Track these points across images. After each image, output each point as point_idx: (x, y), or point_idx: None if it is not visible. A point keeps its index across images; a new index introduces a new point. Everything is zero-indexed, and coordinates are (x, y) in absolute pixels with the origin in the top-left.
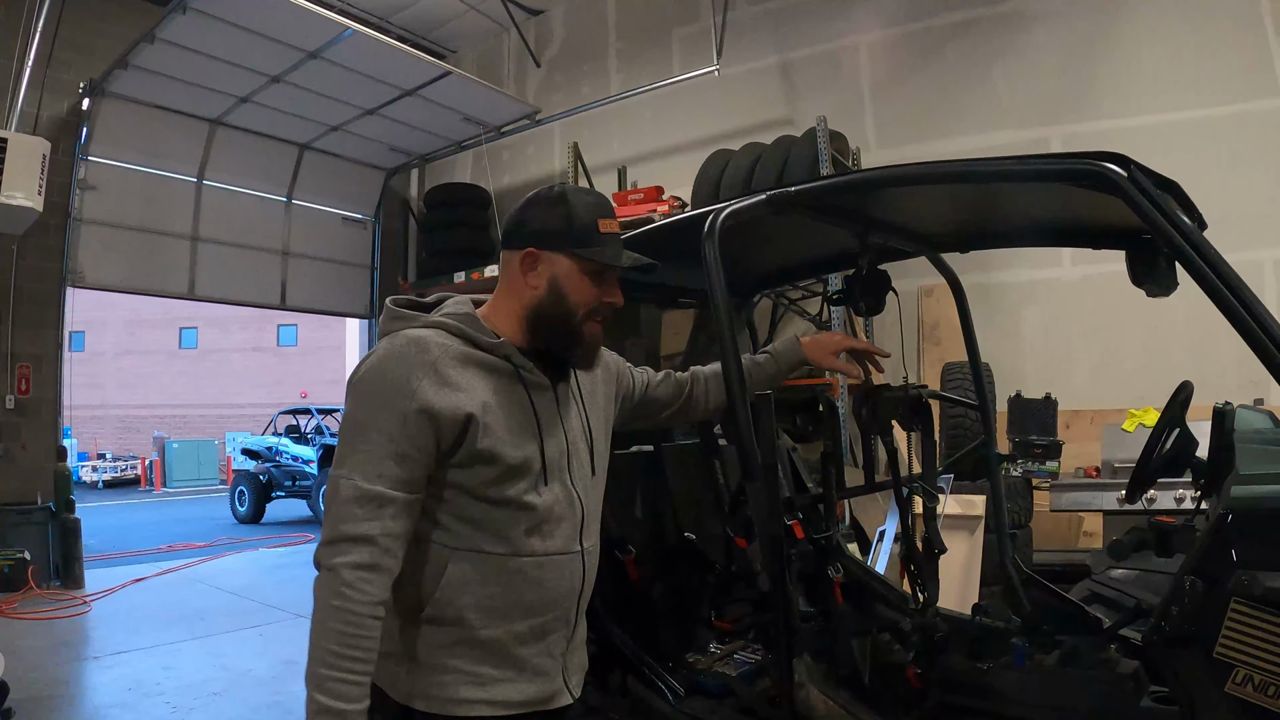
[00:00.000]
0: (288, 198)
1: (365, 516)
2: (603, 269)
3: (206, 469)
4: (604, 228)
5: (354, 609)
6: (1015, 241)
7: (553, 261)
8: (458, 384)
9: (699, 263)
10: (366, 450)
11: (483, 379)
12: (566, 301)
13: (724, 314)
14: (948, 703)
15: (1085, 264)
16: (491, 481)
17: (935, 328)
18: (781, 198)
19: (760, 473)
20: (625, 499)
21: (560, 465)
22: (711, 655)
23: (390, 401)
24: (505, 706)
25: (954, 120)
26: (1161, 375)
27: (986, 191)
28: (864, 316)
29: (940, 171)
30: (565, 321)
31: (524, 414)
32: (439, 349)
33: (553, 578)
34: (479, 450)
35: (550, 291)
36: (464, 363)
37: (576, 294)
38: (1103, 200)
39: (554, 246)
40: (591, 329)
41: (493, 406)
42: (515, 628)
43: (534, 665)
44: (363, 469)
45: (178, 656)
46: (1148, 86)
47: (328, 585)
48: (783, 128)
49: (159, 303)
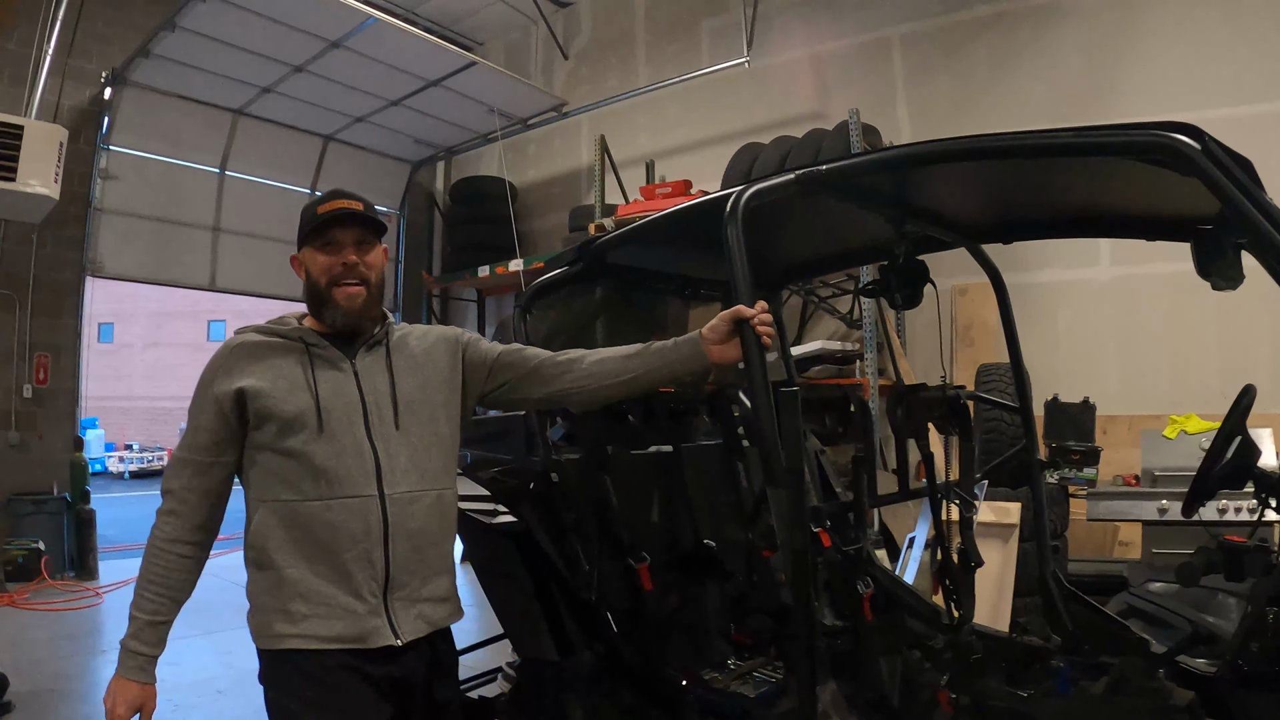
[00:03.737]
0: (311, 189)
1: (173, 476)
2: (330, 238)
3: None
4: (323, 210)
5: (155, 544)
6: (1063, 232)
7: (303, 256)
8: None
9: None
10: (187, 430)
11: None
12: (312, 276)
13: (747, 301)
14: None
15: (1121, 265)
16: (276, 434)
17: (969, 328)
18: (812, 177)
19: (784, 478)
20: (640, 503)
21: (345, 419)
22: (729, 672)
23: (199, 394)
24: (316, 640)
25: (984, 114)
26: (1197, 381)
27: (1033, 174)
28: (899, 309)
29: (987, 146)
30: (316, 292)
31: (303, 377)
32: (236, 346)
33: (343, 519)
34: (258, 409)
35: (306, 277)
36: (254, 350)
37: (314, 267)
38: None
39: (300, 246)
40: (342, 293)
41: (268, 377)
42: (316, 566)
43: (340, 604)
44: (181, 443)
45: (184, 652)
46: (1178, 82)
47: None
48: (813, 121)
49: (186, 295)
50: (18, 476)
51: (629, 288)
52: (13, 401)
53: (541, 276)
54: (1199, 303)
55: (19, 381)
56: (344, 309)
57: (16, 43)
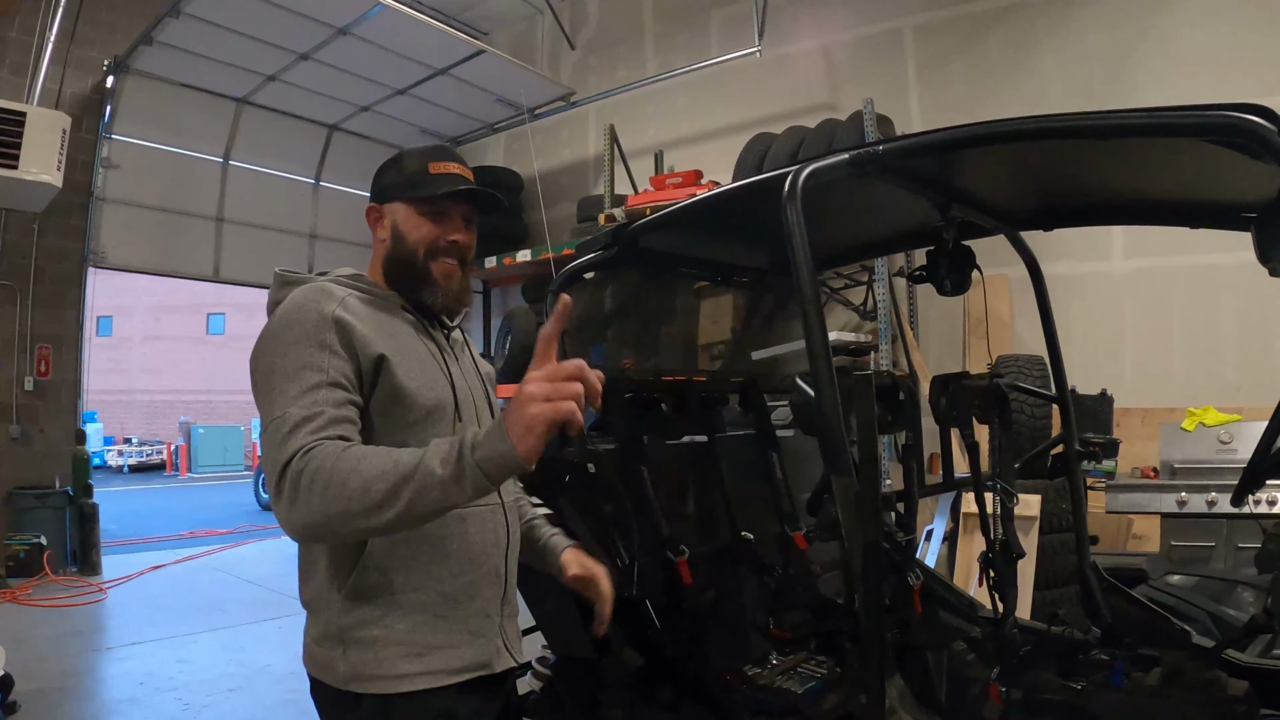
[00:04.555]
0: (316, 179)
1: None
2: (441, 207)
3: (232, 454)
4: (435, 169)
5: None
6: (1107, 219)
7: (393, 211)
8: (366, 320)
9: (755, 237)
10: (297, 387)
11: (384, 322)
12: (406, 243)
13: (808, 284)
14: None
15: (1136, 257)
16: (408, 425)
17: (981, 321)
18: (866, 157)
19: (850, 468)
20: (676, 495)
21: (473, 412)
22: (772, 668)
23: (309, 335)
24: (446, 675)
25: (999, 106)
26: (1212, 374)
27: (1085, 159)
28: (948, 294)
29: (1058, 126)
30: (410, 263)
31: (429, 356)
32: (342, 292)
33: (477, 530)
34: (394, 387)
35: (394, 238)
36: (369, 307)
37: (415, 233)
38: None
39: (390, 198)
40: (440, 268)
41: (398, 347)
42: (444, 587)
43: (470, 626)
44: (295, 402)
45: (193, 649)
46: (1198, 72)
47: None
48: (824, 112)
49: (186, 288)
50: (19, 470)
51: (658, 274)
52: (14, 394)
53: (573, 261)
54: (1213, 296)
55: (20, 374)
56: (443, 288)
57: (19, 30)
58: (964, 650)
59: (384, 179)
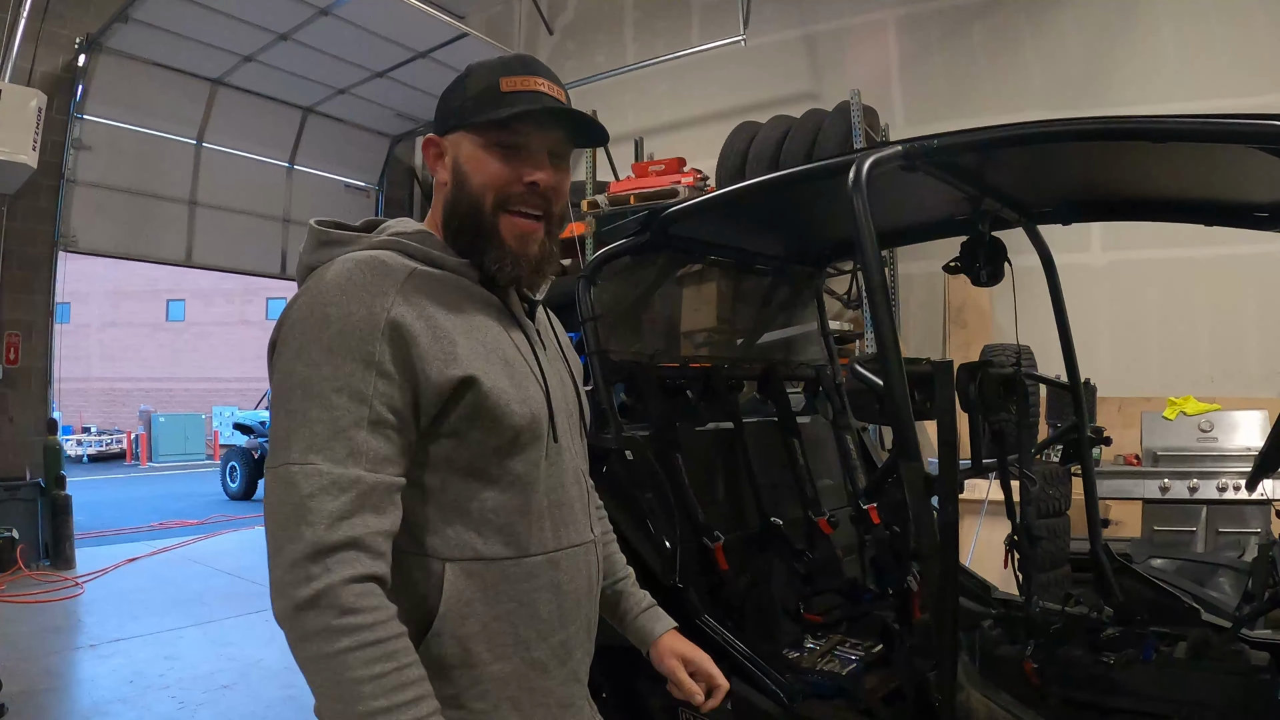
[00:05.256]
0: (290, 163)
1: (341, 511)
2: (517, 136)
3: (193, 444)
4: (508, 86)
5: (377, 634)
6: (1127, 215)
7: (454, 144)
8: (437, 316)
9: (775, 227)
10: (325, 419)
11: (462, 313)
12: (469, 186)
13: (875, 270)
14: (1072, 698)
15: (1113, 250)
16: (493, 453)
17: (961, 310)
18: (919, 150)
19: (919, 453)
20: (707, 481)
21: (565, 426)
22: (810, 652)
23: (351, 342)
24: None
25: (981, 99)
26: (1186, 365)
27: (1112, 159)
28: (983, 285)
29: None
30: (475, 215)
31: (518, 354)
32: (403, 268)
33: (569, 579)
34: (478, 408)
35: (454, 181)
36: (440, 293)
37: (480, 174)
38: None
39: (451, 126)
40: (512, 225)
41: (483, 351)
42: (534, 654)
43: (558, 697)
44: (326, 446)
45: (180, 645)
46: (1175, 72)
47: (322, 625)
48: (806, 101)
49: (144, 274)
50: None
51: (686, 260)
52: None
53: (606, 247)
54: (1190, 289)
55: None
56: (514, 253)
57: None
58: (990, 627)
59: (447, 102)
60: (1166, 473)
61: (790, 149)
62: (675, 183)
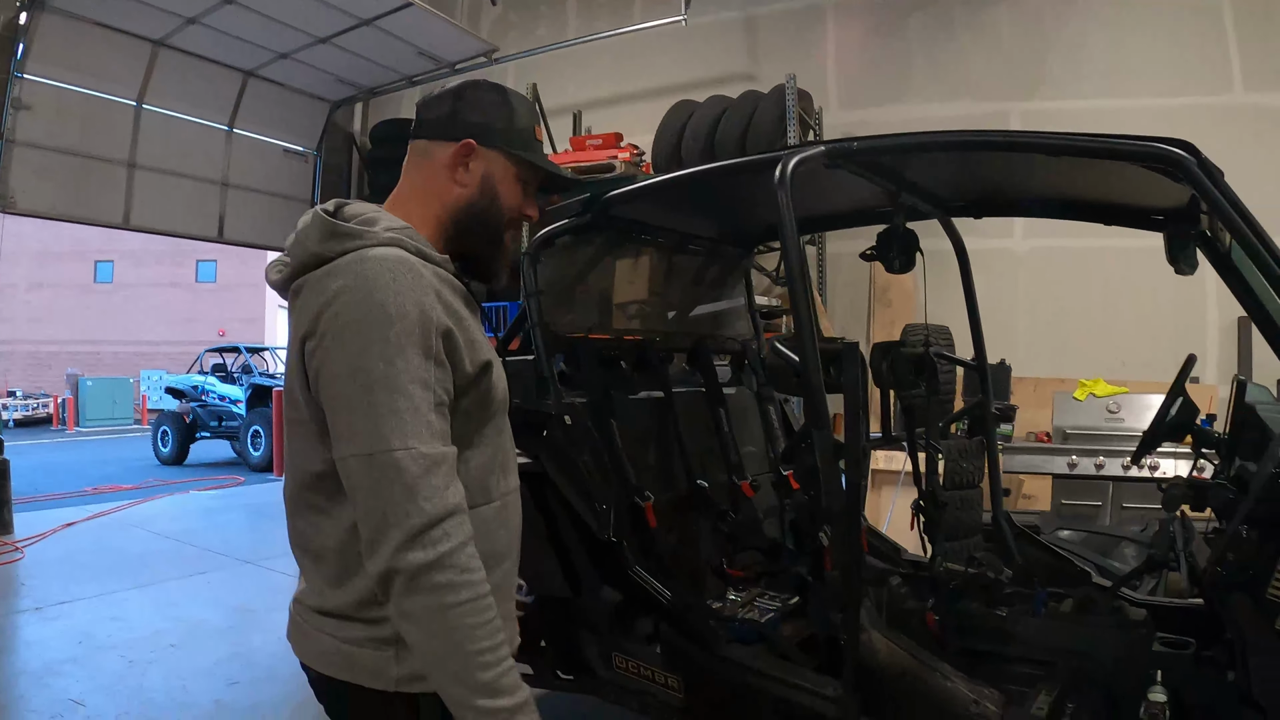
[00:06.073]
0: (229, 126)
1: (444, 484)
2: (533, 178)
3: (121, 408)
4: (538, 135)
5: (481, 593)
6: (1028, 212)
7: (489, 159)
8: (457, 313)
9: (709, 211)
10: (410, 408)
11: (459, 303)
12: (499, 204)
13: (796, 258)
14: (970, 647)
15: (1034, 238)
16: (480, 422)
17: (886, 290)
18: (841, 150)
19: (829, 423)
20: (638, 446)
21: None
22: (733, 603)
23: (413, 341)
24: None
25: (916, 88)
26: (1100, 349)
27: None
28: (896, 272)
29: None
30: (495, 225)
31: (485, 337)
32: (426, 271)
33: (513, 517)
34: (490, 387)
35: (483, 190)
36: (447, 287)
37: (508, 197)
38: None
39: (494, 143)
40: (508, 240)
41: (480, 339)
42: (493, 579)
43: (505, 613)
44: (417, 432)
45: (125, 606)
46: (1103, 70)
47: (438, 585)
48: (743, 82)
49: (73, 235)
50: None
51: (624, 240)
52: None
53: (549, 227)
54: (1107, 277)
55: None
56: (507, 257)
57: None
58: (898, 584)
59: (490, 115)
60: (1075, 450)
61: (725, 130)
62: (612, 158)
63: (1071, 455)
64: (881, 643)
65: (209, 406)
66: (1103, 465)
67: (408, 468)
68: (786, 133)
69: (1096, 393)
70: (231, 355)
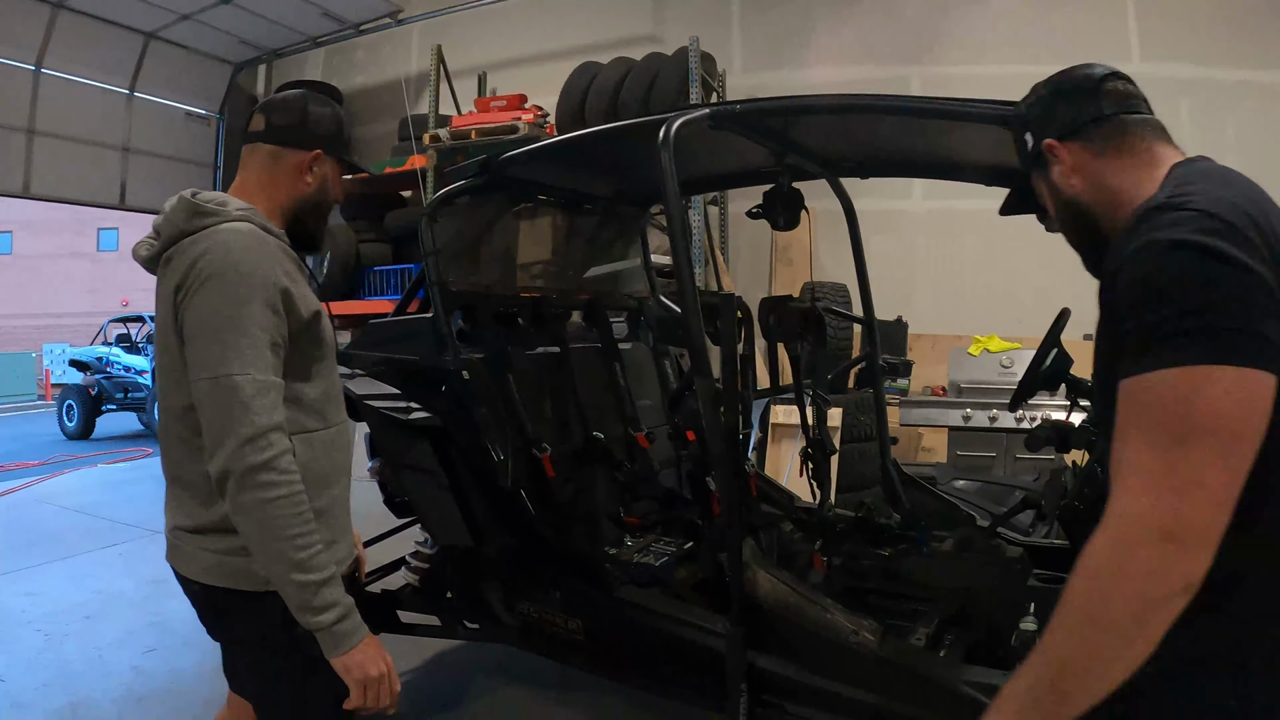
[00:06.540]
0: (130, 90)
1: (271, 406)
2: (347, 171)
3: (23, 383)
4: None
5: (295, 491)
6: (908, 172)
7: (328, 165)
8: (296, 278)
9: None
10: (250, 344)
11: (294, 266)
12: (327, 198)
13: (676, 218)
14: (856, 586)
15: (932, 199)
16: (315, 359)
17: (787, 249)
18: (725, 113)
19: (710, 371)
20: (536, 400)
21: None
22: (628, 548)
23: (257, 294)
24: (339, 564)
25: (818, 52)
26: (998, 307)
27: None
28: (781, 230)
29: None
30: (322, 215)
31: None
32: (271, 241)
33: (346, 442)
34: (320, 331)
35: (318, 190)
36: (285, 254)
37: (336, 191)
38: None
39: (333, 152)
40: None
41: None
42: (333, 491)
43: (344, 524)
44: (255, 362)
45: (40, 581)
46: (1005, 37)
47: (262, 483)
48: (649, 45)
49: None
50: None
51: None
52: None
53: (446, 188)
54: (1004, 237)
55: None
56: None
57: None
58: (790, 529)
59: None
60: (969, 403)
61: (629, 91)
62: (516, 119)
63: (966, 409)
64: (765, 579)
65: (114, 378)
66: (996, 418)
67: (244, 388)
68: (689, 95)
69: (990, 348)
70: (136, 325)
